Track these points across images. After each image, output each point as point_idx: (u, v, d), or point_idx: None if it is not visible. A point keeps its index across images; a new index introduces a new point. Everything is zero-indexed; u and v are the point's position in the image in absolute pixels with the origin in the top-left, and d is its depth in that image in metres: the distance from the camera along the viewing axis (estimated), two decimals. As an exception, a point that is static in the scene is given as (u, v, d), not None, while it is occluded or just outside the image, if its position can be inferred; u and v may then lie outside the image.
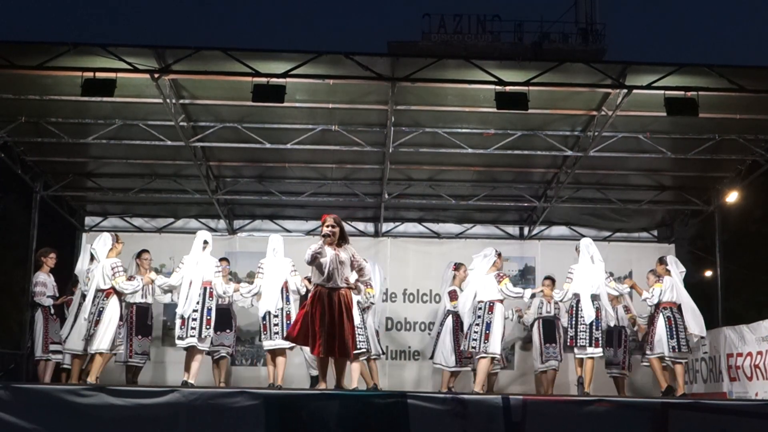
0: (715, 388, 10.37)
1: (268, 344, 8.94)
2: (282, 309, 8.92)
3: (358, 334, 9.01)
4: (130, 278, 8.94)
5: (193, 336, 8.66)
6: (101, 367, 8.60)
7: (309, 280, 9.65)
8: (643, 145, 9.92)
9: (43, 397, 6.57)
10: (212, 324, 8.83)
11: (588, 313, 9.06)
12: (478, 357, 9.29)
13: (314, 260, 7.24)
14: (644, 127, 9.66)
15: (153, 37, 65.97)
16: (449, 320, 9.99)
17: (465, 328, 9.49)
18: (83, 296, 8.94)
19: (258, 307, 9.20)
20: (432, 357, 10.29)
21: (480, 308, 9.21)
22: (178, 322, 8.79)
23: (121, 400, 6.51)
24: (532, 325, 10.71)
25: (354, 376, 9.12)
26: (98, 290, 8.70)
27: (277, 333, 8.84)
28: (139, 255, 9.62)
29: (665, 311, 9.19)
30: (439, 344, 10.09)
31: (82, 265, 9.53)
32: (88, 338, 8.57)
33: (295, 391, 7.36)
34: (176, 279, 8.94)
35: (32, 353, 9.90)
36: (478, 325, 9.16)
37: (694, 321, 9.19)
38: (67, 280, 10.75)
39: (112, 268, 8.74)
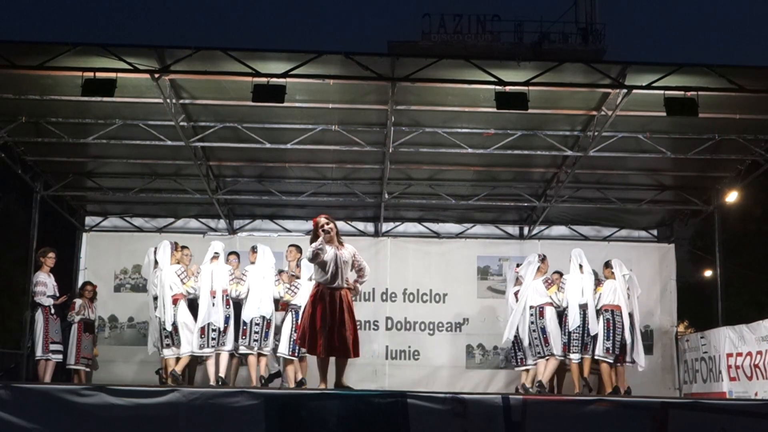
0: (715, 387, 10.39)
1: (244, 350, 9.40)
2: (264, 318, 9.40)
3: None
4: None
5: (213, 345, 9.12)
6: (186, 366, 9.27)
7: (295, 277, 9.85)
8: (643, 145, 9.92)
9: (43, 397, 6.57)
10: (229, 331, 9.25)
11: (573, 321, 9.57)
12: (540, 359, 9.67)
13: (316, 257, 7.30)
14: (644, 127, 9.67)
15: (153, 37, 66.04)
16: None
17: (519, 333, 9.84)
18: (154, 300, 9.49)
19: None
20: (516, 364, 10.27)
21: (531, 314, 9.62)
22: (197, 331, 9.16)
23: (121, 400, 6.50)
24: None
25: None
26: (167, 296, 9.16)
27: (256, 340, 9.37)
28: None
29: (606, 313, 9.58)
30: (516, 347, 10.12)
31: (148, 270, 9.88)
32: (171, 344, 9.17)
33: (295, 391, 7.37)
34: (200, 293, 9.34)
35: (32, 353, 9.92)
36: (534, 331, 9.62)
37: (628, 325, 9.62)
38: (67, 280, 10.77)
39: (178, 275, 9.28)
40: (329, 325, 7.22)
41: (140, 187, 11.31)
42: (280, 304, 9.83)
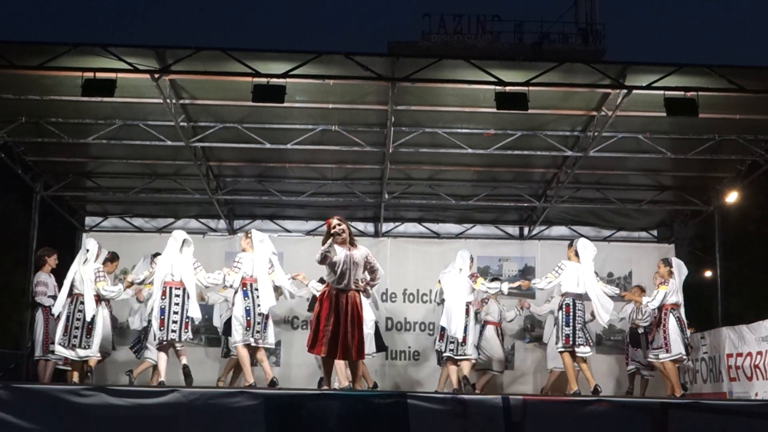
0: (715, 388, 10.37)
1: (250, 340, 8.59)
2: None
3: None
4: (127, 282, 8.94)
5: (174, 338, 8.34)
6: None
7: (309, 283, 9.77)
8: (643, 145, 9.92)
9: (43, 397, 6.58)
10: (190, 327, 8.47)
11: (592, 311, 9.11)
12: (456, 359, 9.32)
13: (324, 260, 7.24)
14: (644, 127, 9.67)
15: (153, 37, 66.07)
16: None
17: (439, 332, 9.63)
18: (76, 299, 8.92)
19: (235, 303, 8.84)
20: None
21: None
22: (155, 323, 8.39)
23: (121, 400, 6.52)
24: (545, 322, 10.74)
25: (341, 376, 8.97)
26: (83, 294, 8.69)
27: (258, 331, 8.58)
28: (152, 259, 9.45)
29: (674, 312, 9.22)
30: None
31: (77, 267, 9.49)
32: (78, 345, 8.58)
33: (295, 391, 7.36)
34: (143, 278, 8.75)
35: (32, 353, 9.91)
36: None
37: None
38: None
39: (95, 273, 8.74)
40: (333, 326, 7.18)
41: (140, 187, 11.32)
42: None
